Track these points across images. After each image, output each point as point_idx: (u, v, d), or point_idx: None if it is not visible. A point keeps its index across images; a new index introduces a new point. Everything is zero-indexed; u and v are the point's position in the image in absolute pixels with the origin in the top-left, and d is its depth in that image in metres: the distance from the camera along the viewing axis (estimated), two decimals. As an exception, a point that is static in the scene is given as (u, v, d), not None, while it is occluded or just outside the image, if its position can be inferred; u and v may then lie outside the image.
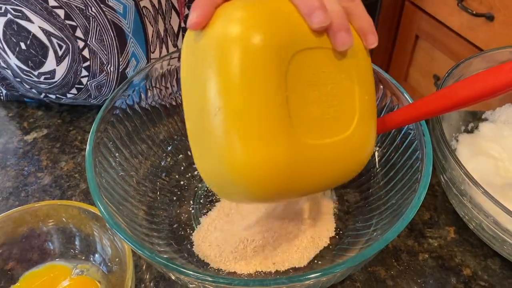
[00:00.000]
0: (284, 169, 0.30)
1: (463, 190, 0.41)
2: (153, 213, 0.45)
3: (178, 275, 0.34)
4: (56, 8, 0.49)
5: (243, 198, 0.34)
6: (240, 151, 0.29)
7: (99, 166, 0.39)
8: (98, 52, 0.52)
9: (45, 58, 0.52)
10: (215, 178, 0.33)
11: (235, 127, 0.29)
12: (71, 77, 0.54)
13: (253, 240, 0.43)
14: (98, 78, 0.54)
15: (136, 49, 0.54)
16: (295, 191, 0.33)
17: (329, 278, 0.34)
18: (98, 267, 0.42)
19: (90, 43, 0.52)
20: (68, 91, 0.56)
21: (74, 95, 0.57)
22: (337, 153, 0.33)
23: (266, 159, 0.29)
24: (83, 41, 0.51)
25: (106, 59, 0.53)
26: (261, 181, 0.30)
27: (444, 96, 0.36)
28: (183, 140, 0.51)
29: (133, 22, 0.52)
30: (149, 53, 0.56)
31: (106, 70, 0.54)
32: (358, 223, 0.45)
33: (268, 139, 0.30)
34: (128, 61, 0.55)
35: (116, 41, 0.52)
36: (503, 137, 0.52)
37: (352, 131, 0.33)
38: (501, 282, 0.43)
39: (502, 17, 0.98)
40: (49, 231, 0.42)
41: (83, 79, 0.54)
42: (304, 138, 0.31)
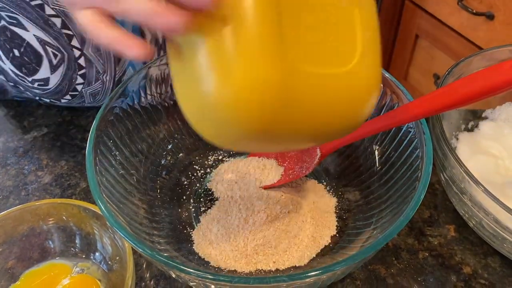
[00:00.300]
0: (277, 93, 0.26)
1: (463, 188, 0.41)
2: (154, 211, 0.45)
3: (178, 273, 0.34)
4: (53, 16, 0.48)
5: (231, 134, 0.29)
6: (227, 72, 0.26)
7: (99, 165, 0.39)
8: (94, 62, 0.51)
9: (39, 66, 0.51)
10: (202, 113, 0.28)
11: (220, 45, 0.25)
12: (65, 84, 0.53)
13: (254, 238, 0.43)
14: (94, 86, 0.54)
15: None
16: (289, 128, 0.29)
17: (329, 276, 0.34)
18: (98, 266, 0.42)
19: (86, 52, 0.51)
20: (62, 97, 0.56)
21: (68, 100, 0.56)
22: (335, 89, 0.29)
23: (256, 80, 0.25)
24: (79, 50, 0.51)
25: (102, 69, 0.52)
26: (253, 106, 0.26)
27: (444, 94, 0.36)
28: (183, 138, 0.51)
29: (131, 31, 0.51)
30: (146, 61, 0.55)
31: (101, 79, 0.53)
32: (359, 221, 0.45)
33: (258, 58, 0.25)
34: (124, 70, 0.54)
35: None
36: (503, 136, 0.52)
37: (353, 66, 0.29)
38: (501, 280, 0.43)
39: (502, 16, 0.98)
40: (49, 229, 0.43)
41: (78, 86, 0.54)
42: (298, 63, 0.27)
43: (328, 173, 0.50)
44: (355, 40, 0.29)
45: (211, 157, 0.52)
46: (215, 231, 0.44)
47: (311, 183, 0.49)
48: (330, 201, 0.47)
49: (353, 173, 0.49)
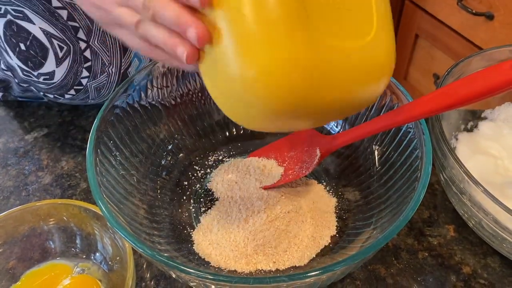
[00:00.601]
0: (304, 70, 0.27)
1: (463, 188, 0.41)
2: (154, 212, 0.45)
3: (179, 273, 0.34)
4: (59, 8, 0.48)
5: (262, 114, 0.29)
6: (258, 52, 0.26)
7: (99, 165, 0.39)
8: (100, 53, 0.52)
9: (44, 60, 0.52)
10: (232, 96, 0.29)
11: (250, 28, 0.26)
12: (70, 78, 0.54)
13: (254, 239, 0.43)
14: (99, 79, 0.54)
15: None
16: (317, 103, 0.29)
17: (328, 276, 0.34)
18: (99, 266, 0.42)
19: (92, 44, 0.51)
20: (67, 92, 0.56)
21: (72, 96, 0.57)
22: (358, 60, 0.30)
23: (284, 59, 0.26)
24: (85, 42, 0.51)
25: (108, 60, 0.53)
26: (284, 84, 0.27)
27: (443, 95, 0.36)
28: (183, 139, 0.51)
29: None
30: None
31: (107, 71, 0.53)
32: (358, 221, 0.45)
33: (284, 37, 0.26)
34: (130, 61, 0.54)
35: (119, 42, 0.52)
36: (502, 136, 0.52)
37: (372, 38, 0.30)
38: (500, 280, 0.44)
39: (501, 16, 0.98)
40: (50, 230, 0.43)
41: (83, 80, 0.54)
42: (322, 39, 0.28)
43: (328, 173, 0.50)
44: (371, 14, 0.30)
45: (211, 158, 0.52)
46: (215, 231, 0.44)
47: (311, 183, 0.49)
48: (330, 201, 0.48)
49: (353, 173, 0.49)
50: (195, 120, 0.52)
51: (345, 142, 0.44)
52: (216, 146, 0.53)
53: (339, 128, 0.51)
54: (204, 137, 0.53)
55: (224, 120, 0.54)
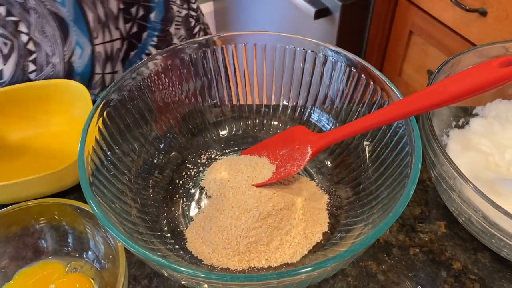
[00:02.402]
0: None
1: (453, 185, 0.42)
2: (146, 210, 0.45)
3: (170, 272, 0.34)
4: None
5: None
6: None
7: (91, 164, 0.39)
8: (42, 44, 0.53)
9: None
10: None
11: None
12: (19, 75, 0.54)
13: (246, 236, 0.43)
14: (46, 71, 0.55)
15: (79, 37, 0.55)
16: None
17: (319, 273, 0.35)
18: (91, 264, 0.43)
19: (33, 36, 0.52)
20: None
21: None
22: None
23: None
24: (26, 35, 0.52)
25: (51, 50, 0.54)
26: None
27: (433, 92, 0.37)
28: (175, 137, 0.52)
29: (73, 10, 0.53)
30: (92, 39, 0.56)
31: (52, 61, 0.54)
32: (350, 218, 0.45)
33: None
34: (72, 50, 0.55)
35: (59, 30, 0.53)
36: (493, 132, 0.53)
37: None
38: (491, 276, 0.44)
39: (494, 12, 0.99)
40: (42, 229, 0.43)
41: (31, 74, 0.55)
42: None
43: (320, 171, 0.50)
44: None
45: (203, 156, 0.52)
46: (207, 229, 0.44)
47: (303, 180, 0.49)
48: (322, 198, 0.48)
49: (345, 170, 0.49)
50: (187, 119, 0.52)
51: (336, 140, 0.44)
52: (208, 145, 0.53)
53: (330, 126, 0.52)
54: (196, 135, 0.53)
55: (216, 119, 0.54)
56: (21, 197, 0.45)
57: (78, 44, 0.55)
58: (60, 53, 0.54)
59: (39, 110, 0.57)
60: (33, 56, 0.53)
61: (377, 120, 0.40)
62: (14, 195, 0.46)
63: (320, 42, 0.49)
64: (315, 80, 0.51)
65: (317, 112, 0.53)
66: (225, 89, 0.54)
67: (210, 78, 0.52)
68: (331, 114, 0.52)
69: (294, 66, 0.51)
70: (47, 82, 0.56)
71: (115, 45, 0.57)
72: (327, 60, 0.49)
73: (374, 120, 0.40)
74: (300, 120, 0.54)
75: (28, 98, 0.56)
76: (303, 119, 0.54)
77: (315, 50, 0.49)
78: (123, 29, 0.59)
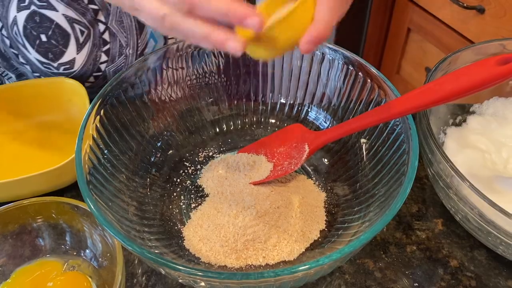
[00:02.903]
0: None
1: (449, 183, 0.42)
2: (144, 208, 0.45)
3: (168, 270, 0.34)
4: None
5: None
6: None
7: (88, 163, 0.39)
8: (117, 35, 0.54)
9: (65, 48, 0.54)
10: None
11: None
12: (90, 65, 0.55)
13: (244, 234, 0.43)
14: (117, 62, 0.56)
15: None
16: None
17: (316, 271, 0.35)
18: (89, 263, 0.43)
19: (110, 26, 0.53)
20: (86, 80, 0.58)
21: (91, 83, 0.58)
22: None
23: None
24: (104, 24, 0.53)
25: (125, 41, 0.54)
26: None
27: (429, 90, 0.37)
28: (173, 135, 0.52)
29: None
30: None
31: (125, 52, 0.55)
32: (347, 215, 0.45)
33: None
34: (146, 42, 0.56)
35: (135, 22, 0.54)
36: (490, 130, 0.53)
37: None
38: (487, 273, 0.44)
39: (492, 10, 0.99)
40: (39, 227, 0.43)
41: (102, 65, 0.56)
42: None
43: (317, 169, 0.50)
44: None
45: (201, 154, 0.52)
46: (205, 227, 0.44)
47: (300, 178, 0.49)
48: (319, 196, 0.48)
49: (342, 168, 0.49)
50: (185, 117, 0.52)
51: (334, 138, 0.44)
52: (206, 143, 0.53)
53: (328, 124, 0.52)
54: (194, 133, 0.53)
55: (214, 117, 0.54)
56: (19, 195, 0.45)
57: (152, 36, 0.56)
58: (134, 45, 0.55)
59: (34, 108, 0.57)
60: (106, 47, 0.54)
61: (374, 118, 0.40)
62: (12, 193, 0.46)
63: (318, 40, 0.49)
64: (312, 78, 0.51)
65: (315, 110, 0.53)
66: (223, 86, 0.54)
67: (207, 75, 0.52)
68: (328, 112, 0.52)
69: (291, 64, 0.51)
70: (42, 80, 0.57)
71: (162, 57, 0.57)
72: (324, 58, 0.49)
73: (371, 119, 0.40)
74: (297, 118, 0.54)
75: (23, 96, 0.56)
76: (300, 117, 0.54)
77: (313, 48, 0.49)
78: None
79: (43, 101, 0.57)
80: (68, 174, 0.48)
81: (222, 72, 0.53)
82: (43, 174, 0.45)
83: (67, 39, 0.53)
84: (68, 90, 0.56)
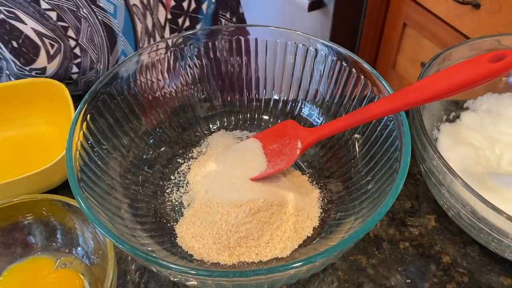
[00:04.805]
0: None
1: (441, 179, 0.42)
2: (137, 205, 0.45)
3: (158, 268, 0.34)
4: (49, 10, 0.50)
5: None
6: None
7: (79, 160, 0.39)
8: (88, 51, 0.54)
9: (36, 56, 0.53)
10: None
11: None
12: (61, 73, 0.55)
13: (236, 231, 0.43)
14: (88, 75, 0.56)
15: (126, 47, 0.56)
16: None
17: (309, 268, 0.35)
18: (81, 260, 0.42)
19: (81, 42, 0.53)
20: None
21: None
22: None
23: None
24: (74, 40, 0.53)
25: (96, 58, 0.55)
26: None
27: (422, 87, 0.37)
28: (165, 132, 0.51)
29: (123, 21, 0.54)
30: (138, 49, 0.57)
31: (95, 67, 0.55)
32: (341, 212, 0.45)
33: None
34: (117, 59, 0.56)
35: (106, 40, 0.54)
36: (484, 126, 0.53)
37: None
38: (479, 269, 0.44)
39: (488, 5, 0.98)
40: (31, 224, 0.43)
41: (73, 75, 0.56)
42: None
43: (310, 165, 0.50)
44: None
45: (194, 150, 0.52)
46: (198, 224, 0.44)
47: (294, 175, 0.49)
48: (313, 193, 0.48)
49: (335, 164, 0.49)
50: (177, 113, 0.52)
51: (327, 134, 0.44)
52: (199, 139, 0.53)
53: (321, 120, 0.52)
54: (187, 130, 0.53)
55: (207, 113, 0.54)
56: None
57: (124, 53, 0.57)
58: (105, 61, 0.56)
59: (17, 110, 0.56)
60: (78, 60, 0.55)
61: (367, 115, 0.40)
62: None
63: (311, 36, 0.48)
64: (306, 74, 0.51)
65: (308, 106, 0.53)
66: (216, 83, 0.54)
67: (200, 72, 0.52)
68: (321, 108, 0.52)
69: (285, 60, 0.51)
70: (25, 82, 0.55)
71: (155, 53, 0.57)
72: (317, 54, 0.49)
73: (364, 115, 0.40)
74: (291, 114, 0.54)
75: (5, 98, 0.55)
76: (294, 113, 0.54)
77: (306, 43, 0.49)
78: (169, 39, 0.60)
79: (24, 103, 0.56)
80: (56, 175, 0.47)
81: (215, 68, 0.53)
82: (30, 176, 0.45)
83: (37, 49, 0.53)
84: (49, 91, 0.55)
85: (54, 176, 0.47)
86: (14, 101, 0.56)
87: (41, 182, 0.46)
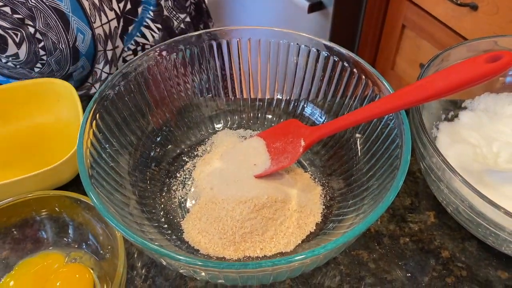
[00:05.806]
0: None
1: (441, 176, 0.43)
2: (144, 202, 0.46)
3: (169, 260, 0.35)
4: (2, 6, 0.55)
5: None
6: None
7: (90, 158, 0.40)
8: (48, 34, 0.58)
9: (6, 45, 0.57)
10: None
11: None
12: (33, 57, 0.59)
13: (241, 227, 0.44)
14: (55, 55, 0.60)
15: (79, 25, 0.61)
16: None
17: (312, 261, 0.36)
18: (90, 255, 0.44)
19: (39, 28, 0.57)
20: (35, 66, 0.61)
21: (40, 69, 0.61)
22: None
23: None
24: (33, 27, 0.57)
25: (56, 39, 0.59)
26: None
27: (421, 87, 0.38)
28: (171, 131, 0.52)
29: (69, 3, 0.59)
30: (91, 24, 0.62)
31: (59, 47, 0.60)
32: (342, 208, 0.46)
33: None
34: (75, 36, 0.61)
35: (60, 22, 0.59)
36: (481, 125, 0.54)
37: None
38: (477, 263, 0.46)
39: (485, 7, 1.00)
40: (42, 220, 0.44)
41: (43, 57, 0.60)
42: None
43: (313, 163, 0.52)
44: None
45: (199, 148, 0.53)
46: (204, 220, 0.45)
47: (297, 172, 0.50)
48: (316, 190, 0.49)
49: (337, 162, 0.50)
50: (183, 112, 0.53)
51: (329, 133, 0.45)
52: (204, 137, 0.54)
53: (323, 119, 0.53)
54: (192, 128, 0.54)
55: (212, 112, 0.55)
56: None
57: (79, 31, 0.61)
58: (65, 41, 0.60)
59: (25, 109, 0.58)
60: (41, 44, 0.59)
61: (368, 113, 0.41)
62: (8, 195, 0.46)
63: (313, 37, 0.50)
64: (308, 75, 0.52)
65: (310, 106, 0.54)
66: (221, 83, 0.55)
67: (205, 72, 0.53)
68: (324, 108, 0.53)
69: (288, 61, 0.52)
70: (29, 82, 0.57)
71: (112, 24, 0.64)
72: (320, 54, 0.50)
73: (365, 114, 0.41)
74: (293, 113, 0.55)
75: (14, 98, 0.57)
76: (296, 113, 0.55)
77: (308, 44, 0.50)
78: (117, 8, 0.66)
79: (31, 103, 0.58)
80: (65, 172, 0.49)
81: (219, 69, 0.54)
82: (40, 174, 0.46)
83: (4, 40, 0.57)
84: (56, 91, 0.57)
85: (63, 173, 0.48)
86: (23, 101, 0.58)
87: (51, 179, 0.48)
